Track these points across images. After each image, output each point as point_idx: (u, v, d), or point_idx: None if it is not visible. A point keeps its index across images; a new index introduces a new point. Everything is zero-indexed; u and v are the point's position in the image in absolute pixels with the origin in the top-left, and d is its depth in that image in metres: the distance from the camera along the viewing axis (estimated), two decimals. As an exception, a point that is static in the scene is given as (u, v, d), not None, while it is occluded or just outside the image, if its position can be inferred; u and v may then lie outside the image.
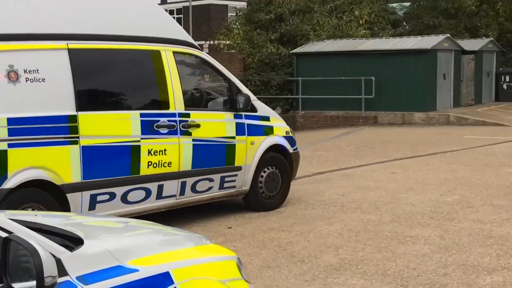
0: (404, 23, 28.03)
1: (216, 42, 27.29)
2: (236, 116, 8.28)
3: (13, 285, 2.56)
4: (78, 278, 2.70)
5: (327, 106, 21.74)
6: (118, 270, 2.86)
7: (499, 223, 7.75)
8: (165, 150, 7.43)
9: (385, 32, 25.41)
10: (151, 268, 2.98)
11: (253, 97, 8.57)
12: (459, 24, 27.05)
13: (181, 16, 52.36)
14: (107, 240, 3.14)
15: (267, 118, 8.75)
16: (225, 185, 8.17)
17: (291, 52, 23.13)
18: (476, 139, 16.04)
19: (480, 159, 12.85)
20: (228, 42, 25.88)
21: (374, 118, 21.00)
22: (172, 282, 3.00)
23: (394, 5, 29.23)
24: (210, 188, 7.99)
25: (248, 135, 8.39)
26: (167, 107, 7.54)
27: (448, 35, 22.37)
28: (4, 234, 2.67)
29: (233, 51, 25.04)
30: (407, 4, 29.43)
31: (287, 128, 9.13)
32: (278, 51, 23.73)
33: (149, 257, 3.05)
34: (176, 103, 7.60)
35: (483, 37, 25.76)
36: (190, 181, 7.72)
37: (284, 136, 8.96)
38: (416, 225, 7.75)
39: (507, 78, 24.73)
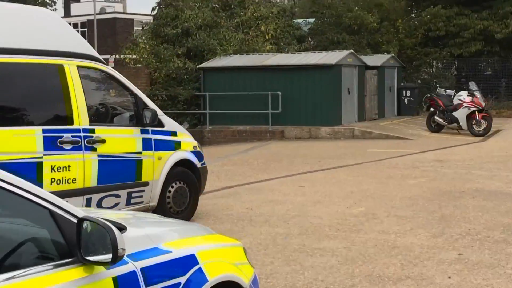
0: (309, 39, 28.50)
1: (122, 56, 26.96)
2: (143, 131, 8.17)
3: (87, 258, 3.04)
4: (128, 255, 3.24)
5: (235, 120, 21.81)
6: (156, 251, 3.49)
7: (402, 234, 7.94)
8: (69, 166, 7.24)
9: (290, 47, 25.76)
10: (181, 250, 3.64)
11: (160, 112, 8.49)
12: (362, 40, 27.73)
13: (86, 29, 51.55)
14: (141, 226, 3.78)
15: (174, 133, 8.69)
16: (132, 201, 8.04)
17: (198, 67, 23.10)
18: (379, 152, 16.45)
19: (384, 171, 13.17)
20: (134, 56, 25.62)
21: (281, 133, 21.21)
22: (198, 263, 3.67)
23: (299, 21, 29.69)
24: (116, 204, 7.84)
25: (155, 150, 8.29)
26: (71, 123, 7.35)
27: (352, 50, 22.87)
28: (72, 218, 3.13)
29: (139, 65, 24.81)
30: (312, 20, 29.96)
31: (195, 143, 9.09)
32: (185, 66, 23.65)
33: (176, 241, 3.72)
34: (81, 118, 7.42)
35: (385, 53, 26.52)
36: (95, 197, 7.55)
37: (191, 151, 8.92)
38: (324, 237, 7.84)
39: (408, 93, 25.53)
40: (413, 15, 32.48)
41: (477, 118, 19.84)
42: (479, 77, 28.41)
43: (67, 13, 59.51)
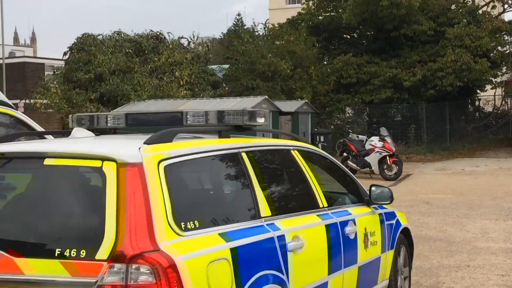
0: (224, 85, 28.68)
1: (32, 101, 26.38)
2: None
3: (373, 202, 6.22)
4: (379, 207, 6.53)
5: (149, 166, 21.54)
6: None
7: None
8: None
9: (205, 93, 25.84)
10: (390, 209, 6.75)
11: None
12: (276, 86, 28.08)
13: (-5, 74, 50.25)
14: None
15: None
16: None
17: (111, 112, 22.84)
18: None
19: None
20: (45, 101, 25.10)
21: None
22: (396, 216, 6.86)
23: (214, 67, 29.87)
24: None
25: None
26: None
27: (266, 96, 23.10)
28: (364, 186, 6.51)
29: (50, 110, 24.31)
30: (226, 66, 30.20)
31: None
32: (99, 111, 23.34)
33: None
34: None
35: (299, 99, 26.92)
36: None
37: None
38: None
39: (322, 138, 25.89)
40: (325, 62, 33.25)
41: (388, 162, 20.30)
42: (390, 123, 29.23)
43: (-25, 57, 57.97)
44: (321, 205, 5.30)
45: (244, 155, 4.59)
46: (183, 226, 3.76)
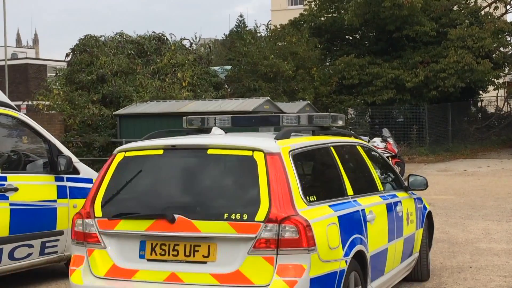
0: (226, 86, 28.68)
1: (34, 102, 26.36)
2: (57, 179, 7.96)
3: (410, 188, 7.63)
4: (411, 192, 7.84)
5: (152, 167, 21.54)
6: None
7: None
8: (-21, 215, 6.98)
9: (207, 94, 25.82)
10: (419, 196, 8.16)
11: (75, 159, 8.30)
12: (278, 87, 28.09)
13: (-3, 75, 50.32)
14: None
15: (90, 181, 8.49)
16: (46, 250, 7.77)
17: (114, 113, 22.84)
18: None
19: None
20: (47, 102, 25.08)
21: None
22: (422, 201, 8.16)
23: (216, 68, 29.86)
24: (29, 255, 7.56)
25: (70, 198, 8.08)
26: (-18, 170, 7.11)
27: (268, 98, 23.09)
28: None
29: (53, 111, 24.30)
30: (228, 67, 30.20)
31: (111, 190, 8.90)
32: (101, 112, 23.33)
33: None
34: (-8, 165, 7.19)
35: (301, 100, 26.92)
36: (7, 247, 7.26)
37: (108, 199, 8.72)
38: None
39: (323, 139, 25.88)
40: (328, 63, 33.27)
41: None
42: (392, 124, 29.22)
43: (-23, 59, 58.09)
44: (379, 189, 6.77)
45: (332, 149, 6.09)
46: (307, 199, 5.17)
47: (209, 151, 5.26)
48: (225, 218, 4.94)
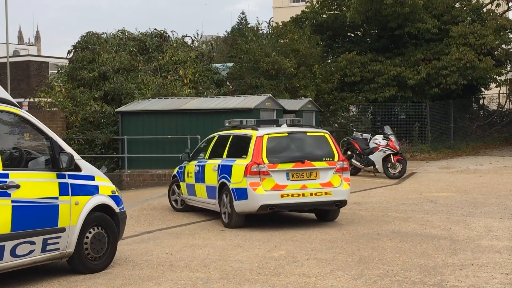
0: (228, 83, 28.65)
1: (36, 99, 26.37)
2: (59, 176, 7.97)
3: None
4: None
5: (154, 164, 21.58)
6: None
7: (323, 277, 7.96)
8: (-19, 212, 6.99)
9: (209, 91, 25.82)
10: None
11: (76, 156, 8.31)
12: (279, 84, 28.08)
13: (-1, 72, 50.31)
14: None
15: (92, 178, 8.50)
16: (48, 247, 7.78)
17: (116, 110, 22.83)
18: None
19: (303, 214, 13.23)
20: (49, 99, 25.09)
21: (200, 176, 21.04)
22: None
23: (218, 65, 29.84)
24: (31, 251, 7.57)
25: (72, 195, 8.09)
26: (-16, 167, 7.12)
27: (270, 95, 23.08)
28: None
29: (54, 109, 24.30)
30: (230, 64, 30.18)
31: (113, 187, 8.92)
32: (103, 109, 23.34)
33: None
34: (-6, 162, 7.20)
35: (302, 97, 26.91)
36: (9, 245, 7.27)
37: (110, 196, 8.74)
38: (245, 281, 7.77)
39: (325, 136, 25.88)
40: (329, 60, 33.23)
41: (392, 161, 20.28)
42: (394, 121, 29.21)
43: (-21, 56, 58.07)
44: None
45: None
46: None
47: (307, 133, 12.20)
48: (323, 160, 11.69)
